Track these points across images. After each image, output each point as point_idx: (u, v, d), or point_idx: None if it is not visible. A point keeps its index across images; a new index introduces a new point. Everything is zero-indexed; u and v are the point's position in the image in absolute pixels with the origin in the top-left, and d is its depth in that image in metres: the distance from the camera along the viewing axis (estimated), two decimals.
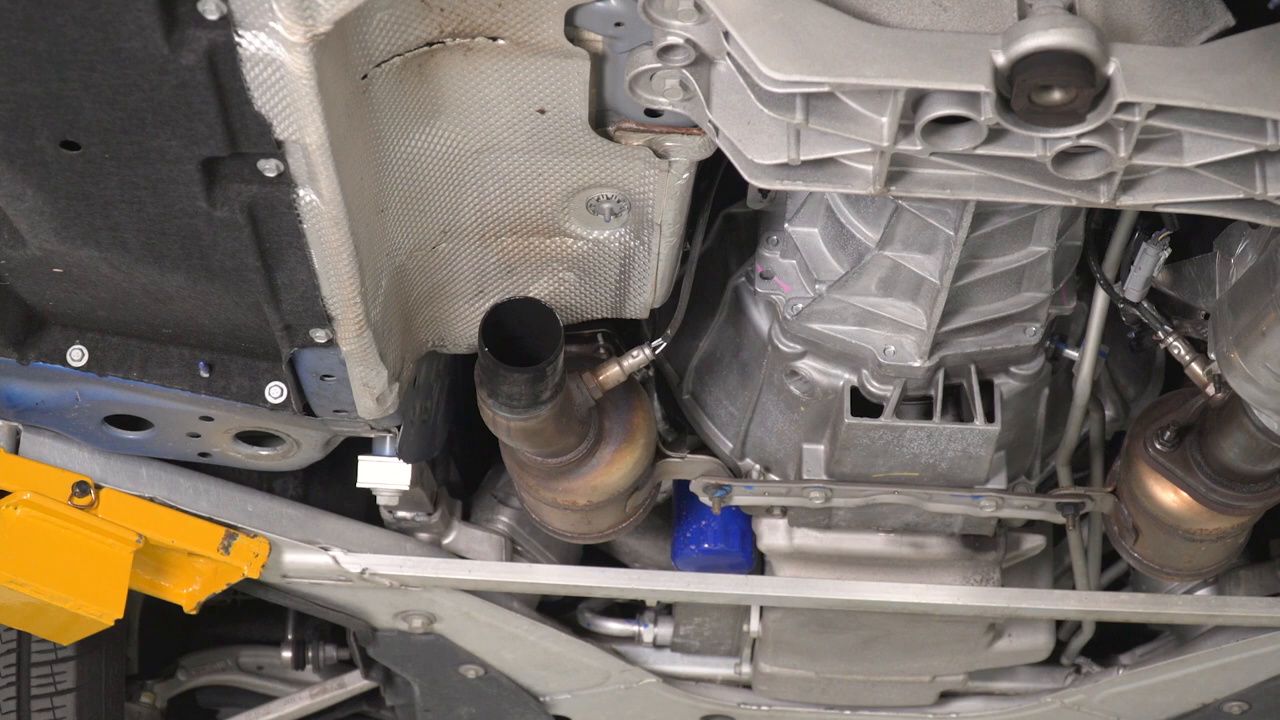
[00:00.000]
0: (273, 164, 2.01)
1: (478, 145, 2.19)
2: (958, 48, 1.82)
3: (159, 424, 2.68)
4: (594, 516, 2.84)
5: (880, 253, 2.44)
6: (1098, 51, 1.78)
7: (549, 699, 3.48)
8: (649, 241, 2.37)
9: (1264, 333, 2.23)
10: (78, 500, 2.80)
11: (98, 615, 2.82)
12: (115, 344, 2.51)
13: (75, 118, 1.94)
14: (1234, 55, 1.84)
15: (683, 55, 1.95)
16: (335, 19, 1.79)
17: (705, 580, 3.05)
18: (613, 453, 2.70)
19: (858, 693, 3.46)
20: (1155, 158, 1.94)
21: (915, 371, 2.59)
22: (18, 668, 3.25)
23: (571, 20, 1.96)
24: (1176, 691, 3.38)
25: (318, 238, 2.12)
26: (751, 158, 1.99)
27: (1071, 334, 2.78)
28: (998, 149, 1.93)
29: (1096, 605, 3.14)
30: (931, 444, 2.69)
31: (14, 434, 2.78)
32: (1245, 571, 3.19)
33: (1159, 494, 2.74)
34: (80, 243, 2.18)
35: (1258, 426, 2.50)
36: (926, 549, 3.02)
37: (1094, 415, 2.93)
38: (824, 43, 1.82)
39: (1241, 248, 2.37)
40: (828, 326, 2.59)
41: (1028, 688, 3.48)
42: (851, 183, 2.03)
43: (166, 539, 2.87)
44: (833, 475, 2.80)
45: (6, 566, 2.77)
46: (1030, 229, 2.42)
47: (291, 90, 1.87)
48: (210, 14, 1.80)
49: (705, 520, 3.03)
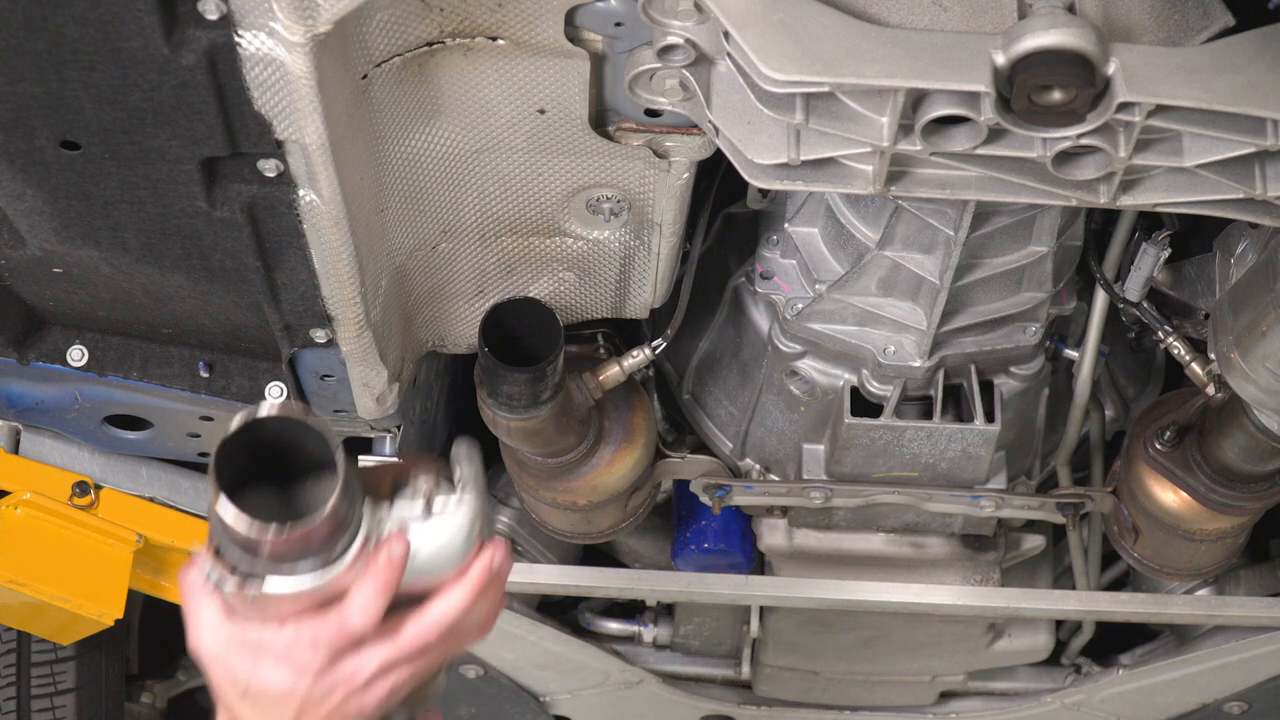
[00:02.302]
0: (273, 164, 2.01)
1: (478, 145, 2.19)
2: (958, 48, 1.82)
3: (159, 424, 2.68)
4: (594, 516, 2.84)
5: (880, 253, 2.44)
6: (1098, 51, 1.78)
7: (549, 699, 3.48)
8: (649, 241, 2.37)
9: (1264, 333, 2.23)
10: (78, 500, 2.80)
11: (98, 615, 2.82)
12: (115, 344, 2.51)
13: (75, 118, 1.94)
14: (1234, 55, 1.84)
15: (683, 55, 1.95)
16: (335, 19, 1.79)
17: (705, 580, 3.05)
18: (613, 453, 2.70)
19: (858, 693, 3.46)
20: (1155, 158, 1.94)
21: (915, 371, 2.59)
22: (18, 668, 3.25)
23: (571, 20, 1.96)
24: (1176, 691, 3.38)
25: (318, 238, 2.12)
26: (751, 158, 1.99)
27: (1071, 334, 2.78)
28: (998, 149, 1.93)
29: (1096, 605, 3.14)
30: (931, 444, 2.69)
31: (14, 434, 2.78)
32: (1245, 571, 3.19)
33: (1159, 494, 2.74)
34: (80, 243, 2.18)
35: (1258, 426, 2.50)
36: (926, 549, 3.02)
37: (1094, 415, 2.93)
38: (824, 43, 1.82)
39: (1241, 248, 2.37)
40: (828, 326, 2.59)
41: (1028, 688, 3.48)
42: (851, 183, 2.03)
43: (166, 539, 2.87)
44: (833, 475, 2.79)
45: (6, 566, 2.77)
46: (1030, 229, 2.42)
47: (291, 90, 1.87)
48: (210, 14, 1.80)
49: (705, 520, 3.03)
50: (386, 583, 1.82)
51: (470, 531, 1.87)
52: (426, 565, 1.86)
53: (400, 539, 1.83)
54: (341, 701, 1.86)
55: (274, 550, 1.76)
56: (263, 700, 1.84)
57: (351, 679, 1.85)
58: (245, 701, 1.85)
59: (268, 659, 1.82)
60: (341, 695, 1.86)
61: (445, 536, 1.86)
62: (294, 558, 1.78)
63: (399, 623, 1.86)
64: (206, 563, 1.78)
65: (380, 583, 1.81)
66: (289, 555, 1.77)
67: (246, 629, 1.83)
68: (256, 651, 1.83)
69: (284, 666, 1.82)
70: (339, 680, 1.85)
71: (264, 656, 1.82)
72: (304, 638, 1.82)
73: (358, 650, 1.84)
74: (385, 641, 1.85)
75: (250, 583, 1.77)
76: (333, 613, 1.82)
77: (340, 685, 1.85)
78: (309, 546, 1.77)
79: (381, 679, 1.87)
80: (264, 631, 1.82)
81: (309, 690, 1.84)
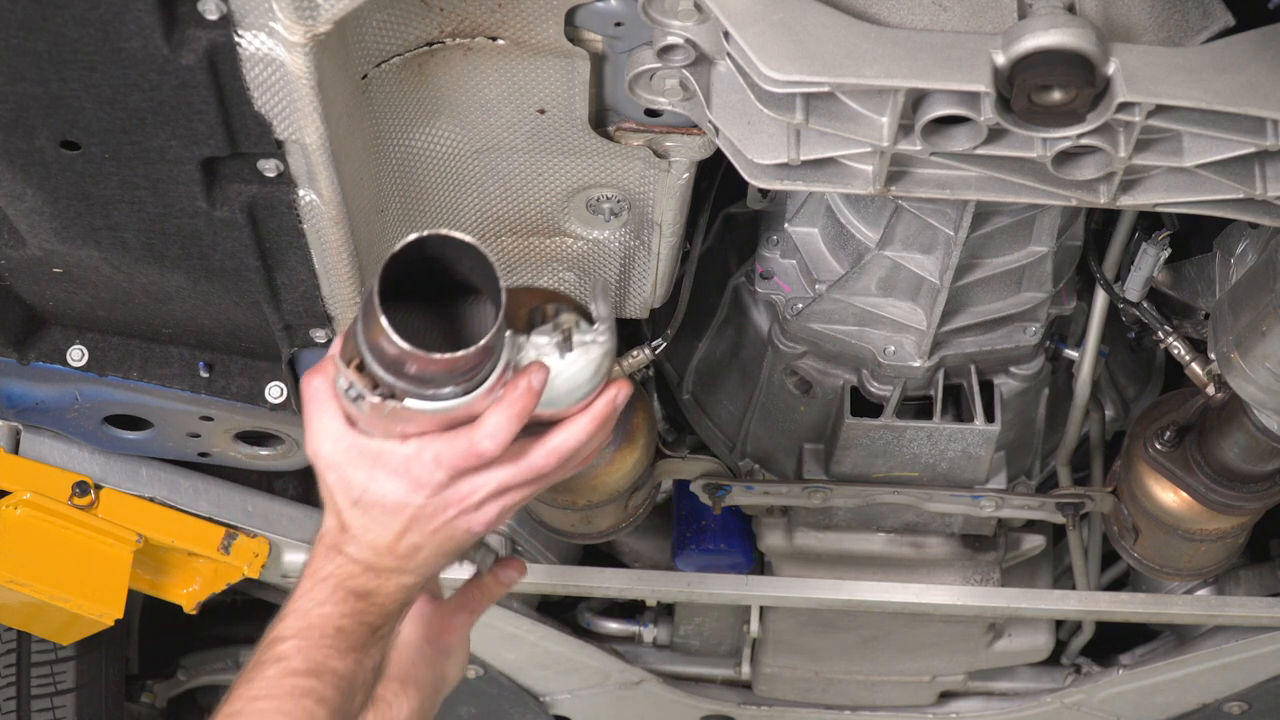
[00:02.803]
0: (273, 164, 2.01)
1: (478, 145, 2.19)
2: (958, 48, 1.82)
3: (159, 424, 2.68)
4: (594, 516, 2.84)
5: (880, 253, 2.44)
6: (1098, 51, 1.78)
7: (549, 699, 3.48)
8: (649, 241, 2.37)
9: (1264, 333, 2.23)
10: (78, 500, 2.80)
11: (98, 615, 2.82)
12: (115, 344, 2.51)
13: (75, 118, 1.94)
14: (1234, 55, 1.84)
15: (683, 55, 1.95)
16: (335, 19, 1.79)
17: (705, 580, 3.05)
18: (613, 453, 2.70)
19: (858, 693, 3.46)
20: (1155, 158, 1.94)
21: (915, 371, 2.59)
22: (18, 668, 3.25)
23: (571, 20, 1.96)
24: (1176, 691, 3.38)
25: (318, 238, 2.13)
26: (751, 158, 1.99)
27: (1071, 334, 2.78)
28: (998, 149, 1.93)
29: (1096, 605, 3.14)
30: (931, 444, 2.69)
31: (14, 434, 2.78)
32: (1245, 571, 3.19)
33: (1159, 494, 2.74)
34: (80, 243, 2.18)
35: (1258, 426, 2.50)
36: (926, 549, 3.02)
37: (1094, 415, 2.93)
38: (824, 43, 1.82)
39: (1241, 248, 2.37)
40: (828, 326, 2.59)
41: (1028, 688, 3.48)
42: (851, 183, 2.03)
43: (166, 539, 2.87)
44: (833, 475, 2.80)
45: (6, 566, 2.77)
46: (1030, 229, 2.42)
47: (291, 90, 1.87)
48: (210, 14, 1.80)
49: (705, 520, 3.03)
50: (522, 410, 1.88)
51: (601, 367, 1.93)
52: (556, 396, 1.92)
53: (540, 369, 1.88)
54: (452, 519, 1.93)
55: (423, 372, 1.80)
56: (374, 510, 1.91)
57: (466, 498, 1.92)
58: (357, 509, 1.92)
59: (385, 470, 1.89)
60: (454, 513, 1.93)
61: (578, 370, 1.92)
62: (440, 382, 1.82)
63: (520, 449, 1.92)
64: (344, 376, 1.84)
65: (516, 410, 1.87)
66: (435, 379, 1.81)
67: (368, 440, 1.90)
68: (375, 462, 1.89)
69: (401, 480, 1.89)
70: (453, 499, 1.91)
71: (382, 468, 1.89)
72: (427, 454, 1.88)
73: (478, 472, 1.90)
74: (505, 466, 1.91)
75: (389, 402, 1.82)
76: (462, 434, 1.87)
77: (453, 504, 1.92)
78: (455, 372, 1.81)
79: (494, 501, 1.94)
80: (385, 444, 1.89)
81: (422, 505, 1.91)
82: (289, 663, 1.87)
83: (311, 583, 1.93)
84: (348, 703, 1.88)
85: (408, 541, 1.92)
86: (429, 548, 1.94)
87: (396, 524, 1.91)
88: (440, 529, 1.93)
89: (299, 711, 1.84)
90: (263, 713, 1.84)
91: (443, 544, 1.94)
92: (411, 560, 1.94)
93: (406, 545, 1.92)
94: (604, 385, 1.95)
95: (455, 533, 1.94)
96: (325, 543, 1.94)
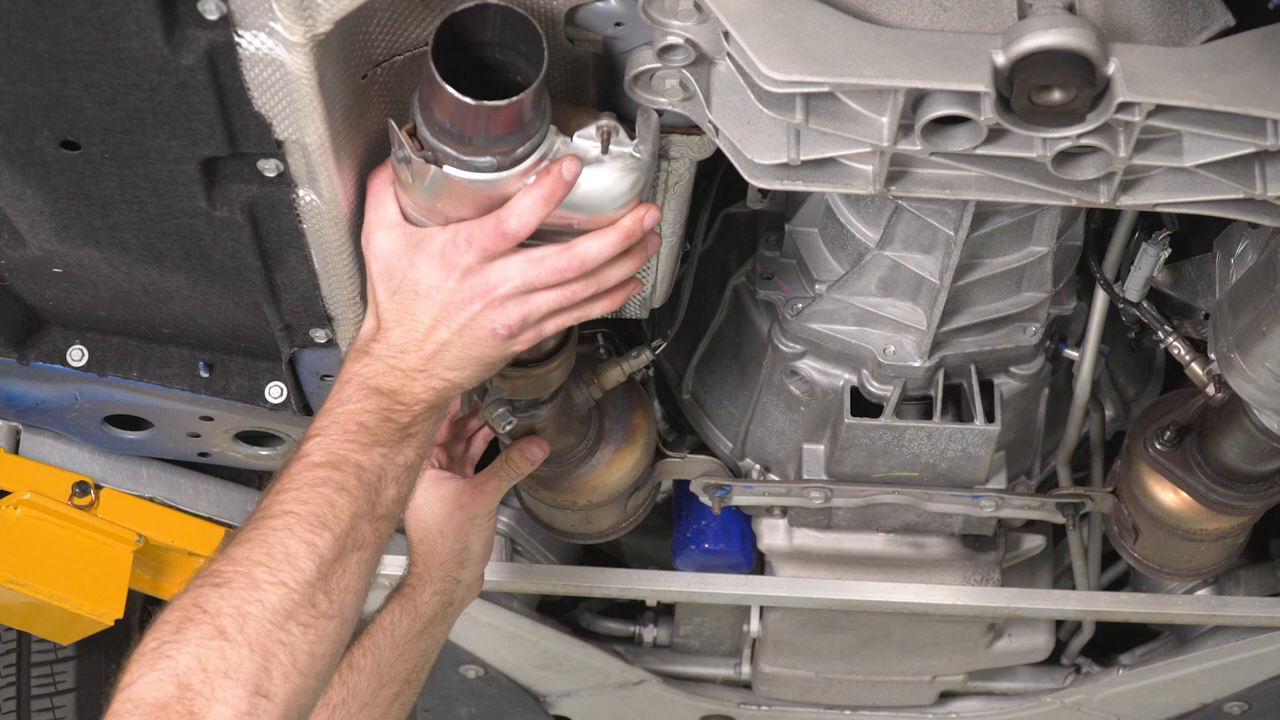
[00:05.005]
0: (273, 164, 2.01)
1: None
2: (958, 48, 1.82)
3: (159, 424, 2.68)
4: (594, 516, 2.84)
5: (880, 253, 2.44)
6: (1098, 51, 1.78)
7: (549, 699, 3.48)
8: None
9: (1264, 333, 2.23)
10: (78, 500, 2.80)
11: (98, 615, 2.82)
12: (115, 344, 2.51)
13: (75, 118, 1.94)
14: (1234, 55, 1.84)
15: (683, 55, 1.95)
16: (335, 19, 1.79)
17: (705, 580, 3.05)
18: (613, 453, 2.70)
19: (858, 693, 3.46)
20: (1155, 158, 1.94)
21: (915, 371, 2.59)
22: (18, 668, 3.25)
23: (571, 20, 1.96)
24: (1176, 691, 3.38)
25: (318, 238, 2.13)
26: (751, 158, 1.99)
27: (1071, 334, 2.78)
28: (998, 149, 1.93)
29: (1096, 605, 3.14)
30: (931, 444, 2.69)
31: (14, 434, 2.78)
32: (1245, 571, 3.19)
33: (1159, 494, 2.74)
34: (80, 243, 2.18)
35: (1258, 426, 2.50)
36: (926, 549, 3.02)
37: (1094, 415, 2.93)
38: (824, 43, 1.82)
39: (1241, 248, 2.37)
40: (828, 326, 2.59)
41: (1028, 688, 3.48)
42: (851, 183, 2.03)
43: (166, 539, 2.87)
44: (833, 475, 2.80)
45: (6, 566, 2.77)
46: (1030, 229, 2.42)
47: (291, 90, 1.87)
48: (210, 14, 1.80)
49: (705, 520, 3.03)
50: (550, 194, 1.92)
51: (635, 181, 1.98)
52: (586, 201, 1.96)
53: (574, 160, 1.93)
54: (478, 313, 1.99)
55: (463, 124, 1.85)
56: (409, 298, 1.98)
57: (492, 290, 1.97)
58: (394, 300, 1.99)
59: (423, 254, 1.96)
60: (480, 306, 1.98)
61: (612, 178, 1.97)
62: (478, 143, 1.87)
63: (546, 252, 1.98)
64: (400, 144, 1.91)
65: (545, 192, 1.92)
66: (475, 138, 1.86)
67: (415, 229, 1.98)
68: (417, 247, 1.97)
69: (436, 264, 1.96)
70: (478, 289, 1.97)
71: (421, 252, 1.96)
72: (461, 235, 1.95)
73: (504, 258, 1.96)
74: (530, 262, 1.97)
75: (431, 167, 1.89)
76: (492, 216, 1.94)
77: (479, 295, 1.97)
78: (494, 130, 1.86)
79: (517, 302, 1.99)
80: (427, 231, 1.96)
81: (451, 292, 1.97)
82: (310, 458, 1.94)
83: (339, 385, 2.01)
84: (373, 494, 1.94)
85: (435, 338, 1.98)
86: (455, 347, 1.99)
87: (427, 316, 1.98)
88: (467, 325, 1.98)
89: (318, 499, 1.90)
90: (282, 503, 1.90)
91: (469, 345, 2.00)
92: (437, 361, 2.00)
93: (434, 342, 1.99)
94: (636, 203, 2.00)
95: (480, 332, 1.99)
96: (357, 346, 2.02)
